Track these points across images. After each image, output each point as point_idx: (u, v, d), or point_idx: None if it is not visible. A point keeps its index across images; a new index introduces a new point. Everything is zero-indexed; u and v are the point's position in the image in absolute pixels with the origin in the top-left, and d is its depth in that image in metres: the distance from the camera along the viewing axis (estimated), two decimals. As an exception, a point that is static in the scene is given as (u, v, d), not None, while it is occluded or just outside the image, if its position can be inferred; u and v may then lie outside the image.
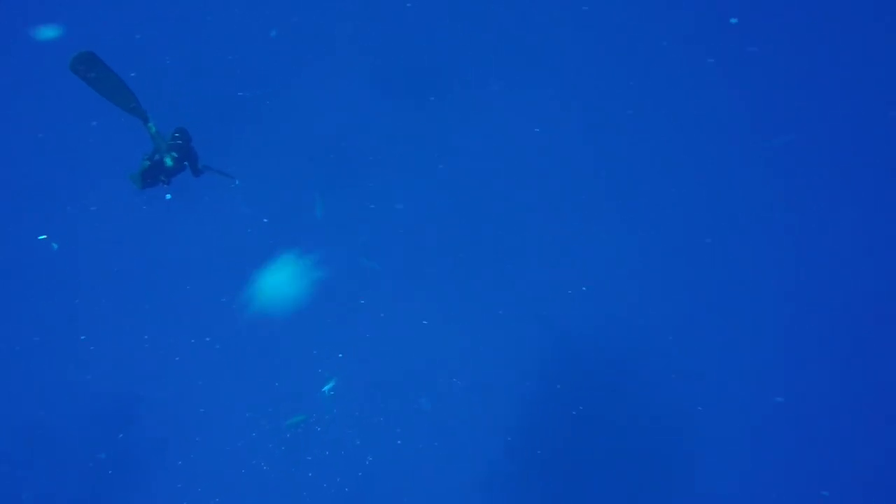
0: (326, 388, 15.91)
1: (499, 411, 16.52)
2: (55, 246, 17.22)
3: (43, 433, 15.21)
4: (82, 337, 16.64)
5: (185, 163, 10.18)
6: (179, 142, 10.09)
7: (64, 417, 15.28)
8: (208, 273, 16.59)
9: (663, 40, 18.01)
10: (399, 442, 15.88)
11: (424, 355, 16.78)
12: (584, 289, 17.25)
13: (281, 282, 16.66)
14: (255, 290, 16.38)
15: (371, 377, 16.31)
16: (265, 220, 16.92)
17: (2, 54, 17.41)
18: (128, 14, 17.59)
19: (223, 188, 15.87)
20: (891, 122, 17.43)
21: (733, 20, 17.89)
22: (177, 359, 15.82)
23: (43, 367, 15.79)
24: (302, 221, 16.86)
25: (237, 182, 11.88)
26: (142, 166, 9.84)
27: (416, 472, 15.76)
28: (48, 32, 17.83)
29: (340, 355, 16.41)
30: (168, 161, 9.78)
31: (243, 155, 16.59)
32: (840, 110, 17.77)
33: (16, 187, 17.25)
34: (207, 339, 16.14)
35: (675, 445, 16.27)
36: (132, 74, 9.00)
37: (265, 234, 16.83)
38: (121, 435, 15.36)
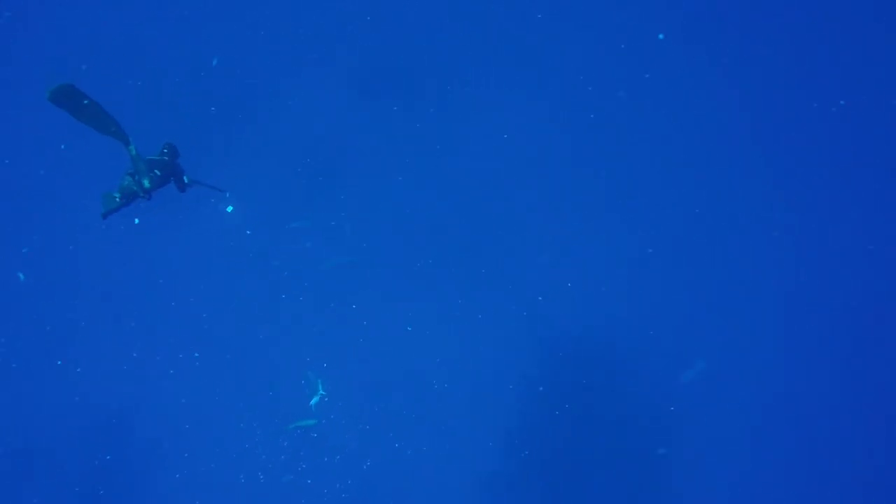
0: (313, 401, 15.82)
1: (490, 413, 16.65)
2: (21, 276, 16.81)
3: (35, 454, 14.79)
4: (59, 362, 16.24)
5: (171, 178, 10.25)
6: (166, 158, 10.16)
7: (55, 438, 14.86)
8: (192, 286, 16.45)
9: (653, 40, 18.39)
10: (397, 445, 15.88)
11: (413, 360, 16.86)
12: (539, 298, 17.53)
13: (265, 291, 16.64)
14: (241, 301, 16.32)
15: (362, 383, 16.30)
16: (248, 232, 16.90)
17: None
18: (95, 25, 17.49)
19: (206, 199, 15.77)
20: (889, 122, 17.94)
21: (660, 35, 18.51)
22: (171, 371, 15.57)
23: (28, 390, 15.37)
24: (286, 230, 16.91)
25: (227, 194, 11.97)
26: (121, 185, 9.84)
27: (415, 476, 15.77)
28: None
29: (325, 365, 16.36)
30: (146, 183, 9.83)
31: (225, 164, 16.53)
32: (836, 110, 18.34)
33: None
34: (196, 354, 15.94)
35: (666, 445, 16.51)
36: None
37: (248, 245, 16.81)
38: (108, 456, 14.99)
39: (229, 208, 15.31)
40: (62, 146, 17.32)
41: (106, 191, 9.77)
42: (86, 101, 9.28)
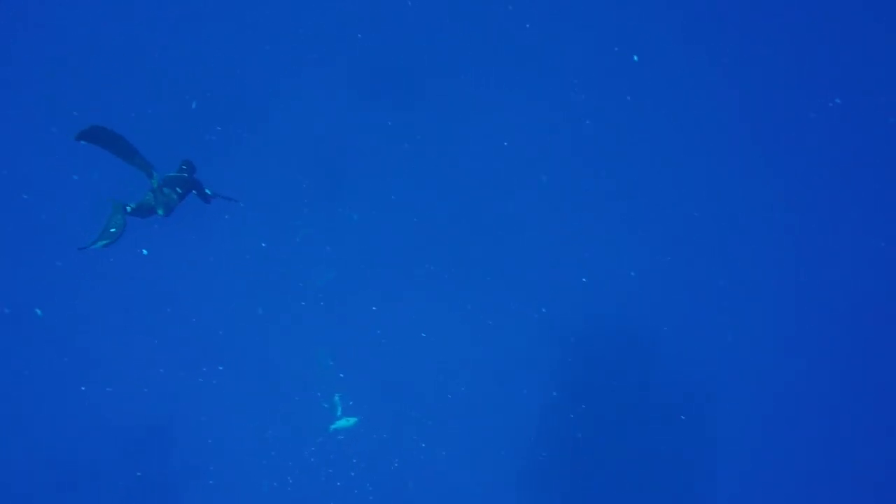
0: (339, 413, 15.87)
1: (507, 413, 16.67)
2: (39, 313, 16.97)
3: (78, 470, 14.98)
4: (82, 388, 16.35)
5: (192, 192, 10.46)
6: (185, 175, 10.34)
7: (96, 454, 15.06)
8: (211, 299, 16.65)
9: (646, 43, 18.62)
10: (423, 445, 15.92)
11: (430, 364, 16.92)
12: (543, 310, 17.49)
13: (282, 300, 16.78)
14: (260, 311, 16.51)
15: (383, 387, 16.35)
16: (263, 245, 17.11)
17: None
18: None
19: (220, 212, 15.99)
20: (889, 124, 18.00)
21: (635, 57, 18.78)
22: (200, 379, 15.71)
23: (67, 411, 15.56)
24: (299, 239, 17.13)
25: (241, 204, 12.14)
26: (140, 200, 9.94)
27: (442, 474, 15.79)
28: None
29: (341, 375, 16.44)
30: (160, 212, 9.96)
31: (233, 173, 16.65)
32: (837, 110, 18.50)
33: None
34: (220, 367, 16.09)
35: (684, 445, 16.45)
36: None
37: (263, 258, 17.01)
38: (139, 473, 15.07)
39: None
40: (75, 176, 17.53)
41: (118, 198, 9.57)
42: (112, 137, 9.46)
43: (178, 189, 9.97)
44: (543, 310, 17.47)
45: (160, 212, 9.76)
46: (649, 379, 16.76)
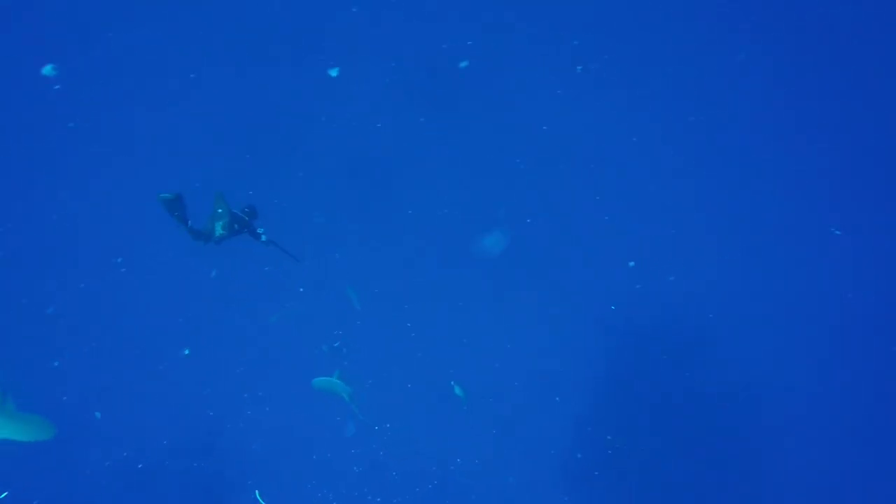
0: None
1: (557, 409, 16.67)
2: (187, 352, 16.75)
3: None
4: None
5: (245, 232, 10.69)
6: (245, 218, 10.65)
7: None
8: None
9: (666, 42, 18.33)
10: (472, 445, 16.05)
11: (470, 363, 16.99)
12: (612, 307, 17.31)
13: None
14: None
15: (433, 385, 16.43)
16: (301, 290, 17.27)
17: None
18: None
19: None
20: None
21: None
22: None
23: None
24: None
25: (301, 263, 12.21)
26: (204, 225, 10.29)
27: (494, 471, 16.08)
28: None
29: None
30: (219, 229, 10.27)
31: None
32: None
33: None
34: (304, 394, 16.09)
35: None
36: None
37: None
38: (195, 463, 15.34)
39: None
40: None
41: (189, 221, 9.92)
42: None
43: (236, 226, 10.42)
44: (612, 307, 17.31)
45: (219, 229, 10.07)
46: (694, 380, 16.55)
